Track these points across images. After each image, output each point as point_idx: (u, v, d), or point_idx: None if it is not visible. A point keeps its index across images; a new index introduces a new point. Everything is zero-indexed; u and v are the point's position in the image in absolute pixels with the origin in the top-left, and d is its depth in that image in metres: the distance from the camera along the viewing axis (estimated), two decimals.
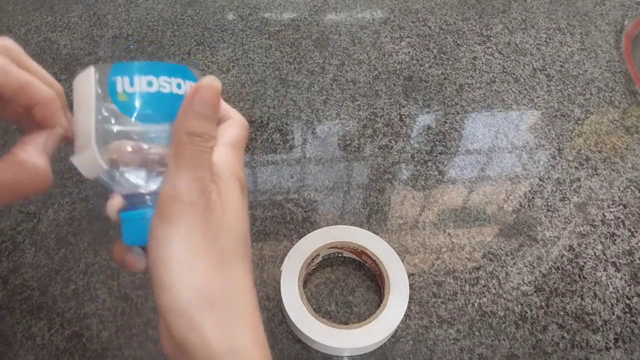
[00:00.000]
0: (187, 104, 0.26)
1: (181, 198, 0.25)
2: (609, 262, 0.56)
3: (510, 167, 0.64)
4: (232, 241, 0.27)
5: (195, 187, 0.25)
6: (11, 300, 0.51)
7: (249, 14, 0.81)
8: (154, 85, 0.26)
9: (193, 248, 0.25)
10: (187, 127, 0.25)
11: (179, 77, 0.27)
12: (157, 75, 0.26)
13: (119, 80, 0.26)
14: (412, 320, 0.51)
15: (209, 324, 0.24)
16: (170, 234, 0.25)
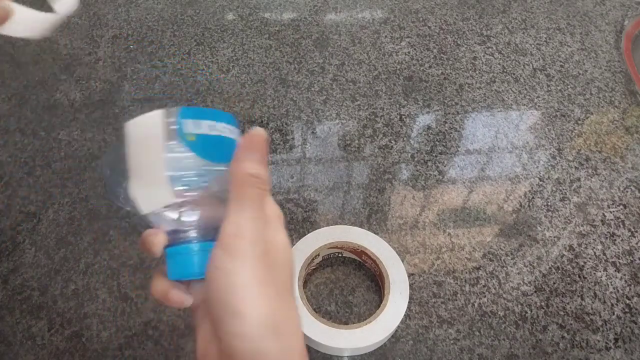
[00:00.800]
0: (244, 150, 0.29)
1: (245, 236, 0.27)
2: (609, 262, 0.56)
3: (510, 167, 0.64)
4: (286, 275, 0.29)
5: (256, 226, 0.28)
6: (11, 300, 0.51)
7: (249, 14, 0.81)
8: (215, 129, 0.29)
9: (259, 279, 0.27)
10: (247, 169, 0.28)
11: (230, 124, 0.30)
12: (217, 120, 0.29)
13: (188, 122, 0.28)
14: (412, 320, 0.51)
15: (274, 350, 0.27)
16: (237, 266, 0.27)
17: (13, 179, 0.61)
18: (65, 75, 0.71)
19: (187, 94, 0.70)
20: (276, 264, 0.28)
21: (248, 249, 0.27)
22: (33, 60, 0.73)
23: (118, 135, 0.65)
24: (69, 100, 0.69)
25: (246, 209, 0.28)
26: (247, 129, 0.29)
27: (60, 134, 0.65)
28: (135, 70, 0.72)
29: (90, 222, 0.57)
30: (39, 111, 0.67)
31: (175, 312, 0.51)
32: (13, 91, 0.69)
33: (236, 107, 0.68)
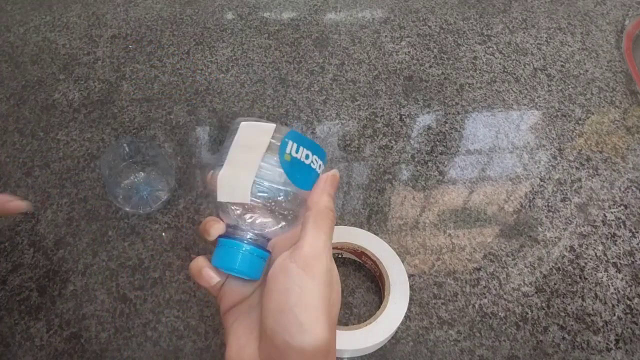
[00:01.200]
0: (325, 185, 0.33)
1: (323, 261, 0.31)
2: (609, 263, 0.56)
3: (510, 168, 0.64)
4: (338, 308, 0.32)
5: (329, 250, 0.32)
6: (10, 301, 0.51)
7: (249, 13, 0.81)
8: (309, 159, 0.33)
9: (325, 305, 0.30)
10: (325, 202, 0.33)
11: (321, 159, 0.34)
12: (313, 152, 0.33)
13: (290, 144, 0.32)
14: (413, 322, 0.51)
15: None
16: (313, 285, 0.30)
17: (11, 179, 0.60)
18: (64, 75, 0.71)
19: (186, 93, 0.70)
20: (334, 295, 0.31)
21: (324, 274, 0.30)
22: (31, 60, 0.73)
23: (117, 135, 0.65)
24: (68, 100, 0.68)
25: (323, 237, 0.31)
26: None
27: (59, 134, 0.65)
28: (134, 70, 0.72)
29: (89, 223, 0.57)
30: (38, 111, 0.67)
31: (174, 314, 0.51)
32: (11, 91, 0.69)
33: (235, 107, 0.68)
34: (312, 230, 0.32)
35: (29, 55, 0.74)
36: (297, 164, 0.33)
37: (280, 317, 0.29)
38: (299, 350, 0.28)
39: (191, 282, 0.53)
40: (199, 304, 0.51)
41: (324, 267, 0.30)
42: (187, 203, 0.59)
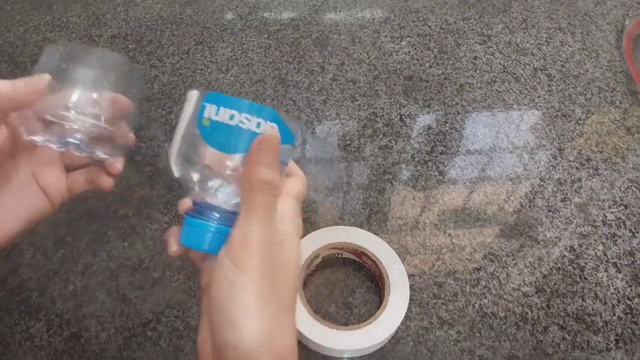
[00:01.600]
0: (255, 154, 0.28)
1: (252, 250, 0.27)
2: (610, 263, 0.56)
3: (511, 168, 0.64)
4: (290, 294, 0.29)
5: (266, 238, 0.28)
6: (9, 301, 0.51)
7: (248, 13, 0.81)
8: (234, 119, 0.29)
9: (262, 295, 0.27)
10: (257, 175, 0.27)
11: (261, 117, 0.29)
12: (240, 111, 0.29)
13: (209, 107, 0.29)
14: (413, 322, 0.51)
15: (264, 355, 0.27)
16: (243, 279, 0.27)
17: None
18: None
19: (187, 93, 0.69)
20: (282, 282, 0.28)
21: (254, 264, 0.27)
22: (31, 60, 0.73)
23: None
24: None
25: (255, 219, 0.27)
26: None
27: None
28: None
29: (89, 223, 0.57)
30: None
31: (174, 314, 0.51)
32: None
33: None
34: (243, 213, 0.28)
35: (29, 55, 0.73)
36: (218, 127, 0.29)
37: (215, 313, 0.27)
38: (232, 347, 0.27)
39: (191, 282, 0.53)
40: (199, 304, 0.51)
41: (254, 259, 0.27)
42: None
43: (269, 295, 0.27)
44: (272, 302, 0.27)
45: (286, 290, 0.29)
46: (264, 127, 0.29)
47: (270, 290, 0.27)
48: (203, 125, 0.29)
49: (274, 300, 0.28)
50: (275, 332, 0.27)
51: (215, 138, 0.29)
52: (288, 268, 0.29)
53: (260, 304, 0.27)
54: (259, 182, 0.27)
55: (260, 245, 0.27)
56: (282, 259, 0.29)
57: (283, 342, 0.28)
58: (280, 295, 0.28)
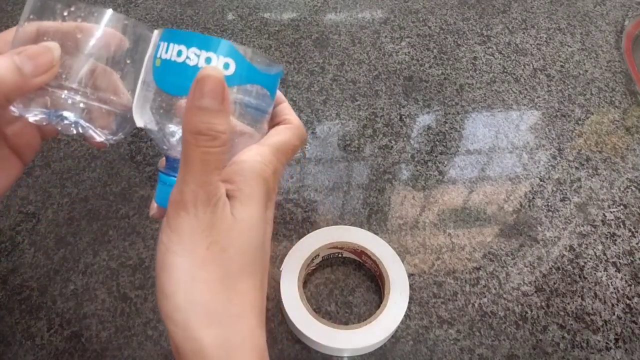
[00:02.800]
0: (190, 97, 0.23)
1: (186, 207, 0.24)
2: (609, 262, 0.56)
3: (510, 167, 0.64)
4: (241, 255, 0.25)
5: (202, 195, 0.24)
6: (10, 301, 0.51)
7: (249, 14, 0.81)
8: (182, 55, 0.25)
9: (197, 259, 0.24)
10: (191, 126, 0.23)
11: (211, 51, 0.25)
12: (188, 45, 0.25)
13: (162, 45, 0.26)
14: (412, 321, 0.51)
15: (207, 339, 0.24)
16: (174, 242, 0.24)
17: None
18: None
19: None
20: (229, 240, 0.25)
21: (190, 221, 0.24)
22: None
23: None
24: None
25: (191, 175, 0.24)
26: None
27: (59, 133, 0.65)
28: None
29: (90, 223, 0.57)
30: None
31: None
32: None
33: None
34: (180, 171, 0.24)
35: None
36: (168, 66, 0.26)
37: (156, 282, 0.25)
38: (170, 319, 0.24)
39: None
40: None
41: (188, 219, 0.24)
42: None
43: (208, 259, 0.24)
44: (214, 266, 0.24)
45: (237, 253, 0.25)
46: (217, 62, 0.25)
47: (211, 252, 0.24)
48: (156, 66, 0.26)
49: (217, 265, 0.24)
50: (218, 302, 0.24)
51: (165, 79, 0.26)
52: (238, 229, 0.25)
53: (195, 269, 0.24)
54: (192, 132, 0.23)
55: (195, 204, 0.24)
56: (228, 218, 0.25)
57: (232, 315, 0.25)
58: (228, 261, 0.25)
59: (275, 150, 0.27)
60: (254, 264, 0.26)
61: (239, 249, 0.25)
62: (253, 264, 0.26)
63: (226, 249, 0.25)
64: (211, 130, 0.23)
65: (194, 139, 0.23)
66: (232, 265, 0.25)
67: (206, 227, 0.24)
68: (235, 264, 0.25)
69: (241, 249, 0.25)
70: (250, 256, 0.26)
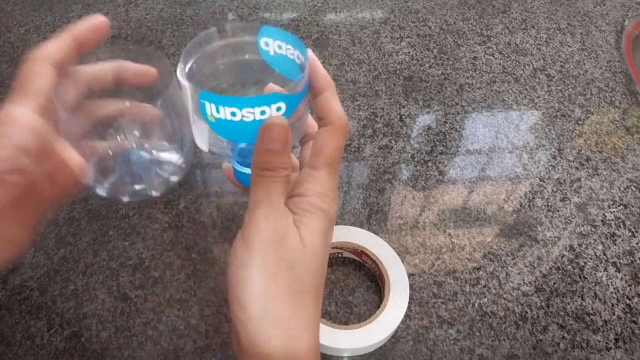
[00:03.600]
0: (258, 142, 0.28)
1: (258, 224, 0.27)
2: (609, 262, 0.56)
3: (510, 167, 0.64)
4: (305, 275, 0.28)
5: (272, 216, 0.28)
6: (10, 301, 0.51)
7: (249, 14, 0.81)
8: (237, 116, 0.28)
9: (268, 273, 0.27)
10: (259, 164, 0.28)
11: (263, 105, 0.28)
12: (240, 107, 0.28)
13: (207, 105, 0.28)
14: (412, 321, 0.51)
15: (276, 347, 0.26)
16: (249, 256, 0.27)
17: None
18: None
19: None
20: (295, 260, 0.28)
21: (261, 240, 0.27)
22: None
23: None
24: None
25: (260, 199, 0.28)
26: None
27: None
28: None
29: (90, 223, 0.57)
30: None
31: (175, 313, 0.51)
32: None
33: None
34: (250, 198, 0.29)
35: None
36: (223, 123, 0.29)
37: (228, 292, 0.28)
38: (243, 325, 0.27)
39: (192, 281, 0.53)
40: (200, 303, 0.52)
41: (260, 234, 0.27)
42: (188, 203, 0.59)
43: (278, 274, 0.27)
44: (280, 281, 0.27)
45: (303, 272, 0.28)
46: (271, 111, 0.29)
47: (279, 266, 0.27)
48: (210, 121, 0.29)
49: (285, 278, 0.27)
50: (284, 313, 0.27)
51: (223, 130, 0.29)
52: (304, 251, 0.28)
53: (268, 282, 0.27)
54: (261, 169, 0.28)
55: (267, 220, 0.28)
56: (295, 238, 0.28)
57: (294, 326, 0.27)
58: (294, 276, 0.28)
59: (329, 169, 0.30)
60: (316, 284, 0.29)
61: (304, 269, 0.28)
62: (315, 284, 0.29)
63: (293, 267, 0.28)
64: (277, 168, 0.28)
65: (262, 174, 0.28)
66: (298, 283, 0.28)
67: (276, 242, 0.27)
68: (299, 282, 0.28)
69: (307, 270, 0.28)
70: (313, 277, 0.29)
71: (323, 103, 0.30)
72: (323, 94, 0.30)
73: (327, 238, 0.30)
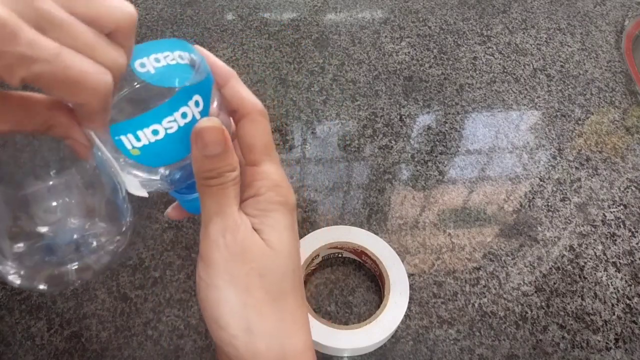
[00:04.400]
0: (194, 151, 0.25)
1: (217, 241, 0.26)
2: (609, 262, 0.56)
3: (510, 167, 0.64)
4: (280, 278, 0.27)
5: (227, 226, 0.26)
6: (10, 300, 0.51)
7: (249, 14, 0.81)
8: (160, 133, 0.25)
9: (241, 287, 0.26)
10: (201, 174, 0.26)
11: (180, 105, 0.25)
12: (159, 120, 0.25)
13: (124, 139, 0.25)
14: (412, 321, 0.51)
15: (268, 357, 0.26)
16: (216, 277, 0.26)
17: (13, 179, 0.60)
18: None
19: None
20: (266, 270, 0.26)
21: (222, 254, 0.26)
22: None
23: None
24: None
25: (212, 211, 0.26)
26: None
27: None
28: None
29: None
30: None
31: (175, 313, 0.51)
32: None
33: None
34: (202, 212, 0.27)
35: None
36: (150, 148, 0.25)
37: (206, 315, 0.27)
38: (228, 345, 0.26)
39: (192, 281, 0.53)
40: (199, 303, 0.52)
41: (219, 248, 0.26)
42: None
43: (252, 285, 0.26)
44: (257, 288, 0.26)
45: (273, 277, 0.26)
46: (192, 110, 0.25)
47: (251, 277, 0.26)
48: (134, 155, 0.25)
49: (259, 287, 0.26)
50: (268, 321, 0.26)
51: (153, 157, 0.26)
52: (271, 254, 0.26)
53: (243, 296, 0.25)
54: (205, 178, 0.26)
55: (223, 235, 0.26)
56: (259, 243, 0.26)
57: (281, 332, 0.26)
58: (268, 283, 0.26)
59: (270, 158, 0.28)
60: (293, 285, 0.28)
61: (277, 274, 0.27)
62: (293, 285, 0.27)
63: (264, 274, 0.26)
64: (222, 173, 0.25)
65: (207, 183, 0.26)
66: (274, 288, 0.26)
67: (239, 255, 0.26)
68: (276, 287, 0.26)
69: (280, 274, 0.27)
70: (289, 278, 0.27)
71: (231, 93, 0.28)
72: (227, 84, 0.29)
73: (294, 230, 0.28)
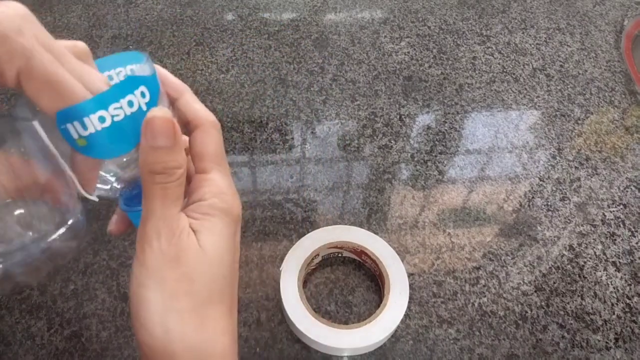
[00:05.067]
0: (143, 141, 0.25)
1: (151, 242, 0.25)
2: (609, 262, 0.56)
3: (510, 167, 0.64)
4: (210, 285, 0.27)
5: (164, 228, 0.25)
6: (10, 300, 0.51)
7: (249, 14, 0.81)
8: (107, 120, 0.24)
9: (168, 292, 0.25)
10: (147, 167, 0.25)
11: (126, 93, 0.24)
12: (106, 106, 0.24)
13: (70, 127, 0.23)
14: (412, 320, 0.51)
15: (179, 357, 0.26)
16: (145, 276, 0.25)
17: None
18: None
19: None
20: (196, 271, 0.26)
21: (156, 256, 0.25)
22: None
23: None
24: None
25: (152, 211, 0.25)
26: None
27: None
28: None
29: (90, 222, 0.57)
30: None
31: None
32: (12, 92, 0.69)
33: (235, 107, 0.68)
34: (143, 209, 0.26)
35: None
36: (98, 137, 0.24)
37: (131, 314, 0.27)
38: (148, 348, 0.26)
39: None
40: None
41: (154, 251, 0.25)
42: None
43: (179, 289, 0.26)
44: (184, 296, 0.26)
45: (205, 282, 0.26)
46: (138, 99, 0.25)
47: (180, 283, 0.26)
48: (81, 146, 0.24)
49: (187, 295, 0.26)
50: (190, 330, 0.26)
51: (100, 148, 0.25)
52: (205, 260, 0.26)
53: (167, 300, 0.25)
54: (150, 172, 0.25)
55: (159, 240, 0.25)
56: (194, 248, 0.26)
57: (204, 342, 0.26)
58: (196, 289, 0.26)
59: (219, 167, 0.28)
60: (222, 292, 0.27)
61: (207, 279, 0.26)
62: (222, 292, 0.27)
63: (195, 280, 0.26)
64: (167, 169, 0.25)
65: (151, 178, 0.25)
66: (201, 295, 0.26)
67: (172, 259, 0.25)
68: (203, 293, 0.26)
69: (210, 279, 0.27)
70: (218, 285, 0.27)
71: (185, 106, 0.29)
72: (181, 97, 0.29)
73: (234, 239, 0.28)
